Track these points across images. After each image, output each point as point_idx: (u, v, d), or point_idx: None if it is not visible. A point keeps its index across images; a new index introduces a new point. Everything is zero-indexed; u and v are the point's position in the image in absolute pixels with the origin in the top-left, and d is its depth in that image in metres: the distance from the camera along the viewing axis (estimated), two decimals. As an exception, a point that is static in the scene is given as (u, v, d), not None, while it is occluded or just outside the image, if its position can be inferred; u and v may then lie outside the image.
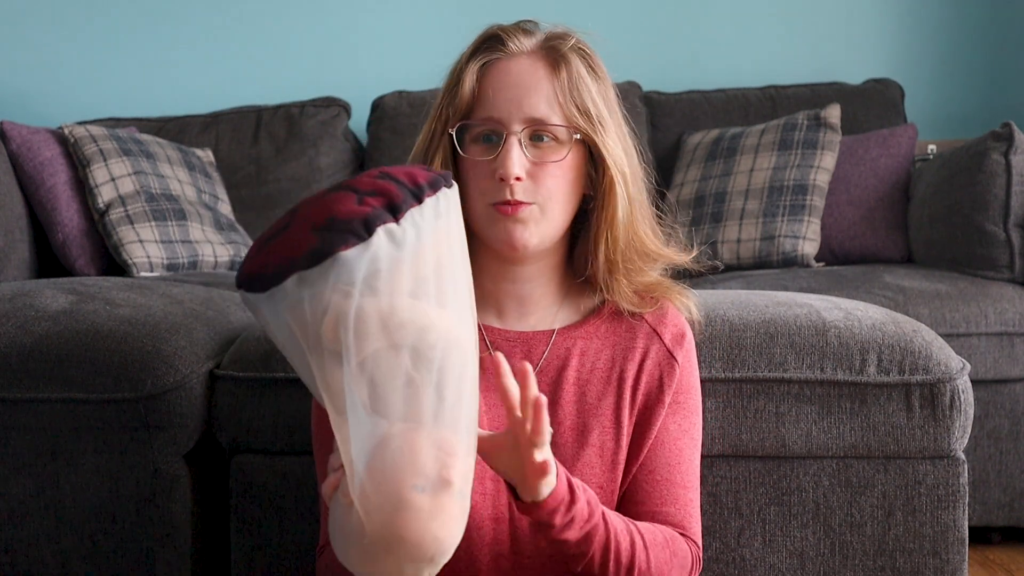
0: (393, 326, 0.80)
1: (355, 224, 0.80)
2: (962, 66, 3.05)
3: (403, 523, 0.80)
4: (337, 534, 0.86)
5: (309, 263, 0.79)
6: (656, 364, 1.15)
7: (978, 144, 2.22)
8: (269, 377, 1.44)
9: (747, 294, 1.48)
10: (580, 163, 1.12)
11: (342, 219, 0.80)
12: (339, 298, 0.79)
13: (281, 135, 2.84)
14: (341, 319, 0.79)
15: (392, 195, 0.82)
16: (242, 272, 0.84)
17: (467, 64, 1.12)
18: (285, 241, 0.82)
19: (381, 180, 0.84)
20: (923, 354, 1.32)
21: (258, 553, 1.46)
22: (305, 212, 0.84)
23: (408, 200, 0.83)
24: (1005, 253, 2.13)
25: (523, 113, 1.09)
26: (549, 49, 1.12)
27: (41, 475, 1.52)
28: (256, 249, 0.85)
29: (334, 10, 3.12)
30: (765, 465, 1.33)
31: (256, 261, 0.83)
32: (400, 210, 0.82)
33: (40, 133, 2.43)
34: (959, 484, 1.32)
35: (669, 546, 1.08)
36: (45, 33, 3.13)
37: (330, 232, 0.79)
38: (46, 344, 1.52)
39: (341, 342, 0.79)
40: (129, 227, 2.36)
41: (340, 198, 0.83)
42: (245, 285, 0.83)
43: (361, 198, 0.82)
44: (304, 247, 0.80)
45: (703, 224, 2.53)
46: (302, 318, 0.80)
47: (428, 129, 1.14)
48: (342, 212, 0.81)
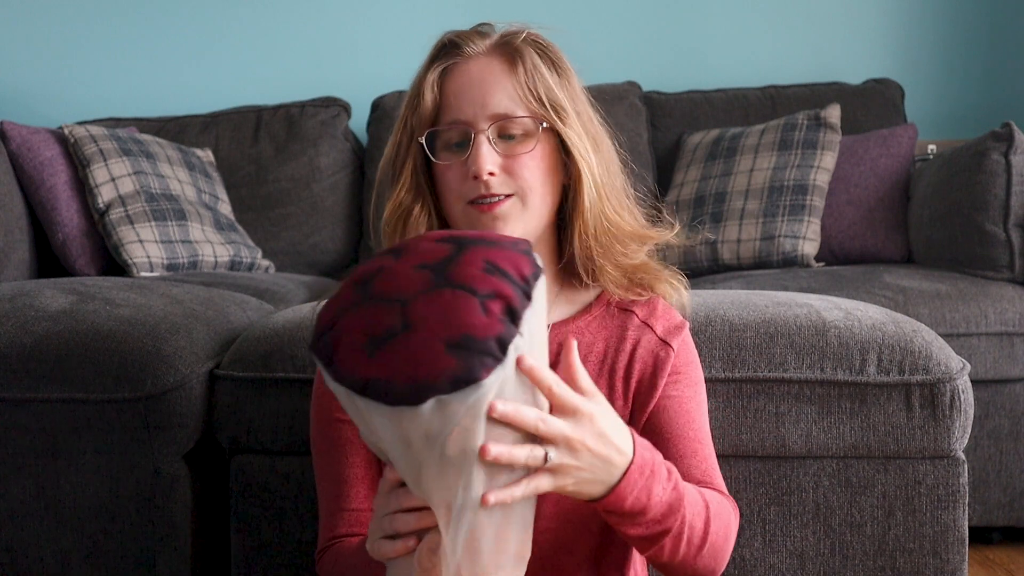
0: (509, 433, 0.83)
1: (491, 345, 0.79)
2: (962, 66, 3.05)
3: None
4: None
5: (452, 388, 0.77)
6: (648, 352, 1.14)
7: (978, 144, 2.22)
8: (269, 377, 1.44)
9: (747, 294, 1.48)
10: (552, 152, 1.13)
11: (479, 339, 0.78)
12: (470, 416, 0.79)
13: (281, 135, 2.84)
14: (469, 435, 0.80)
15: (510, 299, 0.81)
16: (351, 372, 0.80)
17: (426, 73, 1.14)
18: (412, 352, 0.78)
19: (493, 277, 0.82)
20: (923, 354, 1.32)
21: (258, 553, 1.46)
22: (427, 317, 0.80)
23: (523, 303, 0.82)
24: (1005, 253, 2.13)
25: (487, 110, 1.10)
26: (504, 45, 1.14)
27: (41, 475, 1.52)
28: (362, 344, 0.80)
29: (334, 10, 3.12)
30: (765, 465, 1.34)
31: (374, 366, 0.79)
32: (519, 317, 0.82)
33: (40, 133, 2.43)
34: (959, 484, 1.32)
35: (723, 507, 1.07)
36: (45, 33, 3.13)
37: (469, 353, 0.78)
38: (46, 344, 1.52)
39: (466, 455, 0.80)
40: (129, 227, 2.36)
41: (464, 305, 0.80)
42: (358, 389, 0.79)
43: (484, 304, 0.80)
44: (442, 368, 0.77)
45: (703, 224, 2.53)
46: (423, 431, 0.79)
47: (394, 141, 1.16)
48: (476, 328, 0.79)
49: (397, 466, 0.84)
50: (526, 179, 1.10)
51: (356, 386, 0.79)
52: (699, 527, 1.01)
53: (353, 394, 0.80)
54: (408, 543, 0.88)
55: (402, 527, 0.88)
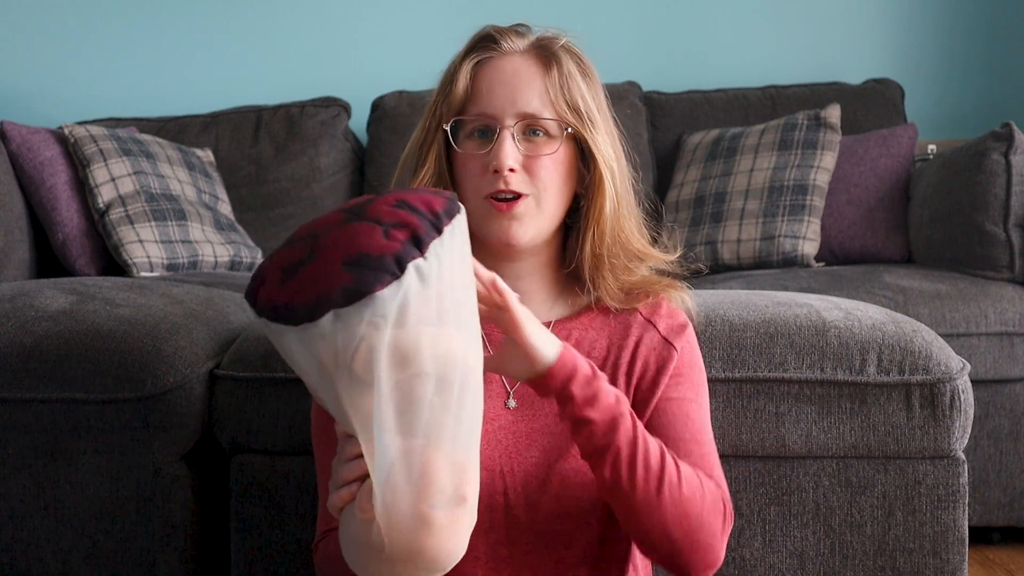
0: (420, 356, 0.84)
1: (388, 261, 0.82)
2: (962, 66, 3.05)
3: (422, 539, 0.85)
4: (351, 546, 0.89)
5: (346, 301, 0.81)
6: (651, 350, 1.15)
7: (978, 144, 2.22)
8: (269, 377, 1.44)
9: (747, 294, 1.48)
10: (571, 159, 1.14)
11: (374, 256, 0.82)
12: (371, 331, 0.82)
13: (281, 135, 2.84)
14: (373, 351, 0.82)
15: (415, 227, 0.85)
16: (265, 301, 0.85)
17: (462, 62, 1.15)
18: (313, 274, 0.83)
19: (401, 210, 0.86)
20: (923, 354, 1.32)
21: (258, 553, 1.46)
22: (331, 243, 0.85)
23: (430, 232, 0.85)
24: (1005, 253, 2.13)
25: (516, 108, 1.11)
26: (541, 48, 1.15)
27: (41, 475, 1.52)
28: (277, 277, 0.86)
29: (334, 10, 3.12)
30: (765, 465, 1.33)
31: (282, 292, 0.84)
32: (424, 243, 0.84)
33: (40, 133, 2.43)
34: (959, 484, 1.32)
35: (701, 481, 1.06)
36: (45, 33, 3.13)
37: (363, 269, 0.81)
38: (46, 344, 1.52)
39: (372, 372, 0.82)
40: (129, 227, 2.36)
41: (366, 230, 0.84)
42: (270, 315, 0.84)
43: (387, 231, 0.84)
44: (337, 284, 0.82)
45: (703, 224, 2.53)
46: (331, 349, 0.82)
47: (423, 126, 1.17)
48: (372, 247, 0.83)
49: (323, 400, 0.86)
50: (544, 180, 1.11)
51: (268, 313, 0.84)
52: (655, 463, 1.02)
53: (268, 323, 0.85)
54: (352, 488, 0.89)
55: (347, 474, 0.89)
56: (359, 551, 0.88)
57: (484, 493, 1.11)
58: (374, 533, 0.85)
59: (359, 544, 0.87)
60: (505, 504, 1.11)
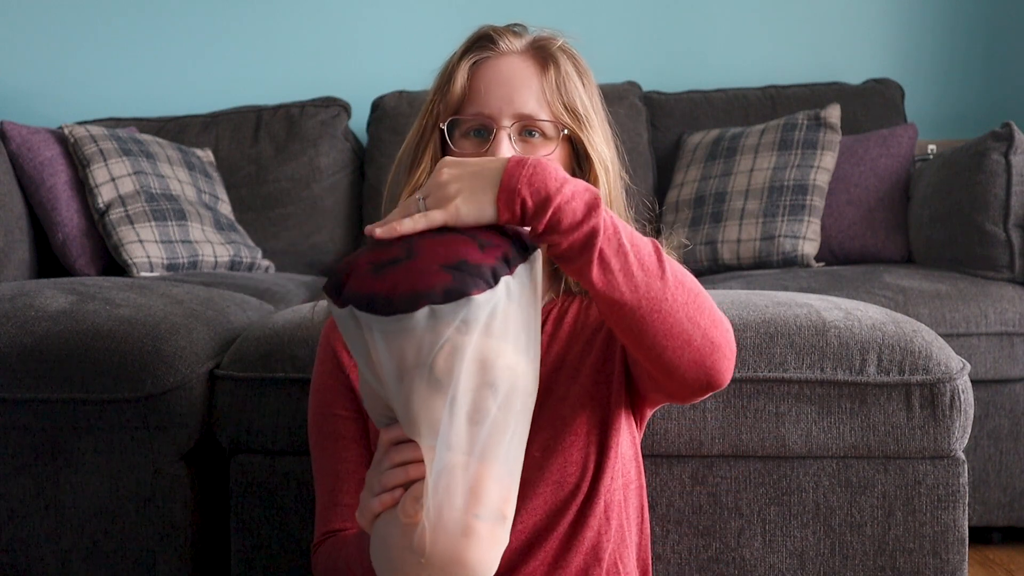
0: (495, 368, 0.87)
1: (485, 271, 0.85)
2: (962, 66, 3.05)
3: (465, 547, 0.87)
4: (385, 551, 0.91)
5: (444, 299, 0.84)
6: None
7: (978, 144, 2.22)
8: (269, 377, 1.44)
9: (747, 294, 1.48)
10: (566, 160, 1.15)
11: (473, 264, 0.85)
12: (458, 334, 0.85)
13: (281, 135, 2.84)
14: (457, 353, 0.84)
15: (507, 249, 0.88)
16: (356, 290, 0.86)
17: (459, 62, 1.15)
18: (412, 271, 0.85)
19: (494, 233, 0.91)
20: (923, 354, 1.32)
21: (258, 553, 1.46)
22: (429, 247, 0.87)
23: (517, 257, 0.89)
24: (1005, 253, 2.13)
25: (513, 109, 1.12)
26: (538, 49, 1.16)
27: (41, 475, 1.52)
28: (368, 271, 0.87)
29: (334, 10, 3.12)
30: (765, 465, 1.34)
31: (377, 283, 0.86)
32: (512, 264, 0.88)
33: (40, 133, 2.43)
34: (959, 484, 1.32)
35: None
36: (45, 33, 3.13)
37: (463, 273, 0.85)
38: (46, 344, 1.52)
39: (451, 374, 0.84)
40: (129, 227, 2.36)
41: (465, 242, 0.88)
42: (362, 305, 0.85)
43: (482, 246, 0.87)
44: (438, 282, 0.84)
45: (703, 224, 2.53)
46: (416, 346, 0.85)
47: (419, 125, 1.18)
48: (471, 256, 0.86)
49: (391, 399, 0.88)
50: None
51: (360, 302, 0.85)
52: (646, 249, 0.93)
53: (357, 312, 0.86)
54: (395, 494, 0.90)
55: (391, 481, 0.90)
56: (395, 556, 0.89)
57: None
58: (416, 538, 0.86)
59: (397, 549, 0.89)
60: None
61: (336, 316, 0.89)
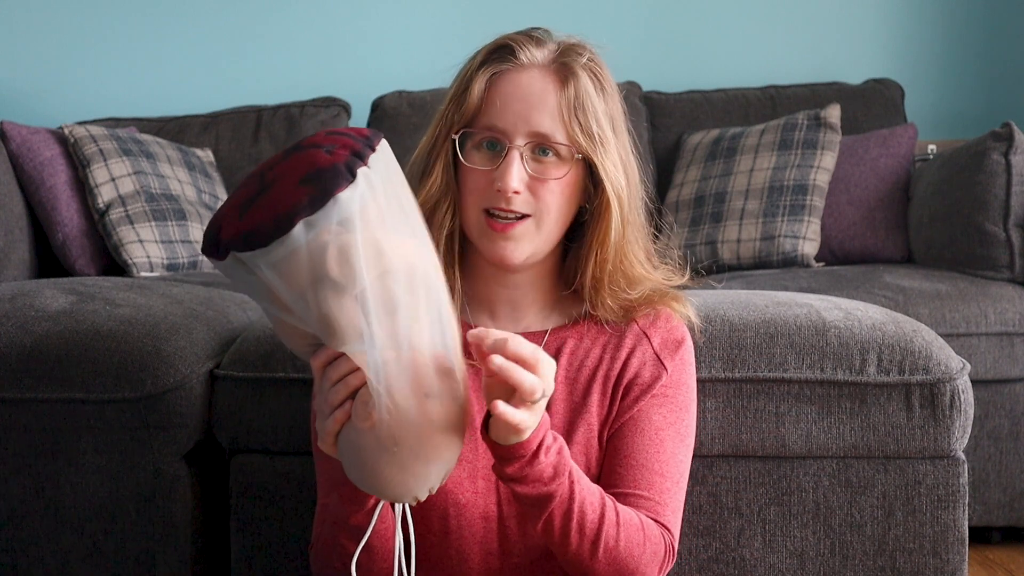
0: (386, 255, 0.87)
1: (340, 169, 0.86)
2: (962, 66, 3.05)
3: (428, 422, 0.89)
4: (357, 460, 0.92)
5: (313, 208, 0.84)
6: (642, 364, 1.14)
7: (978, 144, 2.22)
8: (269, 377, 1.44)
9: (747, 294, 1.48)
10: (579, 179, 1.13)
11: (326, 168, 0.86)
12: (340, 236, 0.85)
13: (281, 135, 2.84)
14: (347, 251, 0.85)
15: (352, 145, 0.89)
16: (230, 235, 0.87)
17: (477, 72, 1.12)
18: (274, 198, 0.86)
19: (335, 136, 0.91)
20: (923, 354, 1.32)
21: (258, 553, 1.46)
22: (280, 172, 0.88)
23: (366, 148, 0.89)
24: (1005, 253, 2.14)
25: (528, 127, 1.09)
26: (560, 65, 1.12)
27: (41, 475, 1.52)
28: (235, 214, 0.88)
29: (334, 10, 3.12)
30: (765, 465, 1.34)
31: (245, 222, 0.86)
32: (364, 156, 0.88)
33: (40, 133, 2.43)
34: (959, 484, 1.32)
35: (643, 530, 1.06)
36: (45, 33, 3.13)
37: (320, 180, 0.85)
38: (46, 344, 1.52)
39: (350, 271, 0.85)
40: (129, 227, 2.36)
41: (311, 154, 0.88)
42: (239, 246, 0.86)
43: (329, 150, 0.88)
44: (300, 197, 0.85)
45: (703, 224, 2.53)
46: (306, 263, 0.85)
47: (432, 133, 1.15)
48: (322, 163, 0.87)
49: (307, 324, 0.89)
50: (547, 203, 1.10)
51: (238, 245, 0.86)
52: (592, 516, 1.01)
53: (239, 255, 0.86)
54: (345, 408, 0.90)
55: (336, 397, 0.90)
56: (370, 462, 0.90)
57: (480, 501, 1.11)
58: (382, 435, 0.88)
59: (369, 454, 0.90)
60: (499, 515, 1.11)
61: (224, 271, 0.90)
